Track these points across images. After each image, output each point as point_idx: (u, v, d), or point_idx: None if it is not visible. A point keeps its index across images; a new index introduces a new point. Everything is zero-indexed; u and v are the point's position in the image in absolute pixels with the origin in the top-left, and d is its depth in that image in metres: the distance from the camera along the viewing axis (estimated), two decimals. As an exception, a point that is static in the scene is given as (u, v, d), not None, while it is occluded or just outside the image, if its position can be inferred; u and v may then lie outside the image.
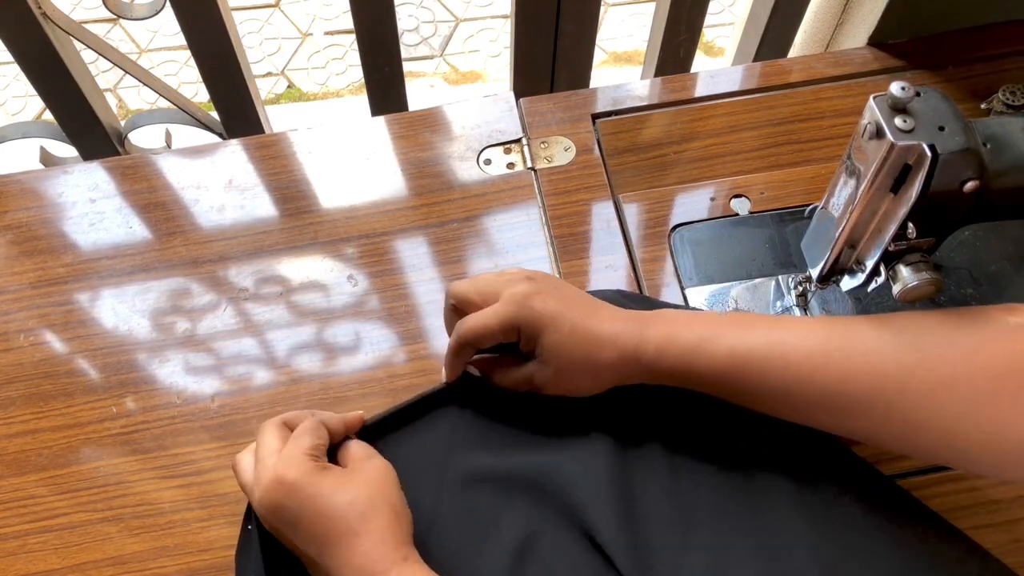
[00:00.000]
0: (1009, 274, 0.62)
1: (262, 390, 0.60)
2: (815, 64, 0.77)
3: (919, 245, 0.47)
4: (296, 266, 0.66)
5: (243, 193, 0.70)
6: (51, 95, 0.93)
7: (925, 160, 0.42)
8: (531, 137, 0.72)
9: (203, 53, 0.91)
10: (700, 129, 0.73)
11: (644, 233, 0.67)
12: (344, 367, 0.61)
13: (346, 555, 0.44)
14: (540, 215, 0.68)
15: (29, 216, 0.69)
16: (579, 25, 0.93)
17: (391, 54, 0.93)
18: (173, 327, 0.63)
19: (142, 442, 0.59)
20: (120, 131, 1.02)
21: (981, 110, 0.71)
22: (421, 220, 0.68)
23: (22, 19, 0.83)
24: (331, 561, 0.44)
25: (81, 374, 0.62)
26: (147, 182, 0.71)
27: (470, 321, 0.51)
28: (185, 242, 0.68)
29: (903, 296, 0.48)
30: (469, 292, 0.52)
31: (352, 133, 0.73)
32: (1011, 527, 0.54)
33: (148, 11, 0.89)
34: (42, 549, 0.55)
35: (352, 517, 0.45)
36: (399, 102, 1.00)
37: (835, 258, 0.51)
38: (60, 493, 0.57)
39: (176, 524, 0.55)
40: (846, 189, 0.48)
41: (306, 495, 0.45)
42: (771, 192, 0.68)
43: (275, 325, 0.63)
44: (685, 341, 0.48)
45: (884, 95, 0.43)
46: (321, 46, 2.01)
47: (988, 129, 0.44)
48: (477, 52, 2.00)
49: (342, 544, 0.44)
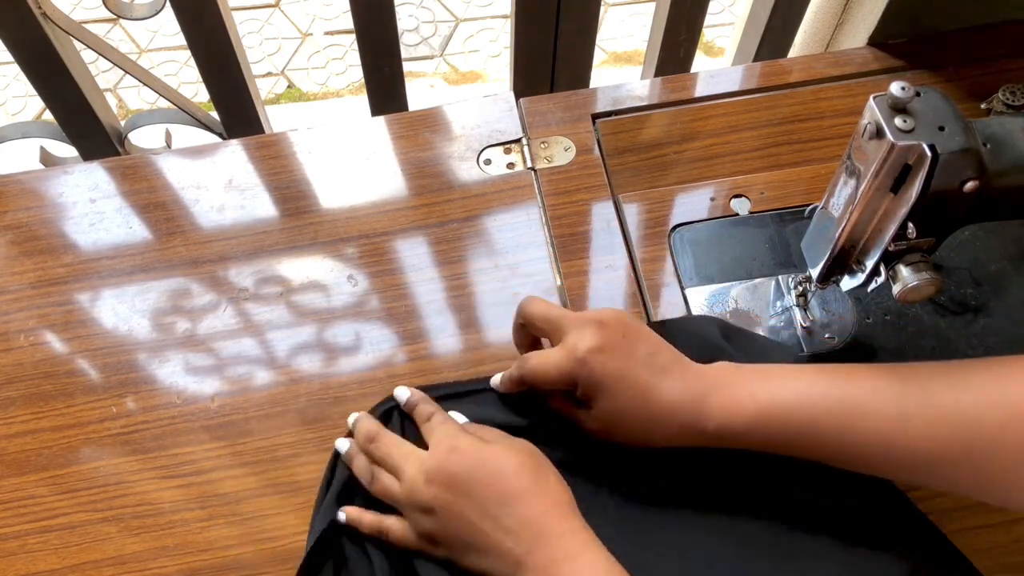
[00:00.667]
0: (1009, 274, 0.62)
1: (262, 390, 0.60)
2: (815, 64, 0.77)
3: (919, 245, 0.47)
4: (296, 266, 0.66)
5: (243, 193, 0.70)
6: (51, 95, 0.93)
7: (925, 160, 0.42)
8: (531, 137, 0.72)
9: (203, 53, 0.91)
10: (700, 129, 0.73)
11: (644, 233, 0.67)
12: (344, 367, 0.61)
13: (524, 512, 0.45)
14: (540, 215, 0.68)
15: (29, 216, 0.69)
16: (579, 25, 0.93)
17: (391, 54, 0.93)
18: (173, 327, 0.63)
19: (142, 442, 0.59)
20: (120, 131, 1.02)
21: (981, 110, 0.71)
22: (421, 220, 0.68)
23: (22, 19, 0.83)
24: (508, 521, 0.45)
25: (81, 374, 0.62)
26: (147, 182, 0.71)
27: (531, 362, 0.51)
28: (185, 242, 0.68)
29: (903, 296, 0.48)
30: (536, 317, 0.52)
31: (352, 133, 0.73)
32: (1011, 527, 0.54)
33: (148, 11, 0.89)
34: (42, 549, 0.55)
35: (526, 477, 0.47)
36: (399, 102, 1.00)
37: (835, 258, 0.51)
38: (60, 493, 0.57)
39: (176, 524, 0.55)
40: (846, 189, 0.48)
41: (479, 459, 0.47)
42: (771, 192, 0.68)
43: (275, 325, 0.63)
44: (748, 414, 0.47)
45: (884, 95, 0.43)
46: (321, 46, 2.01)
47: (988, 129, 0.44)
48: (477, 52, 2.00)
49: (521, 502, 0.45)
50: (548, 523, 0.45)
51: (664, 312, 0.62)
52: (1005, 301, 0.61)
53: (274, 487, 0.56)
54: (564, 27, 0.92)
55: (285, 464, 0.57)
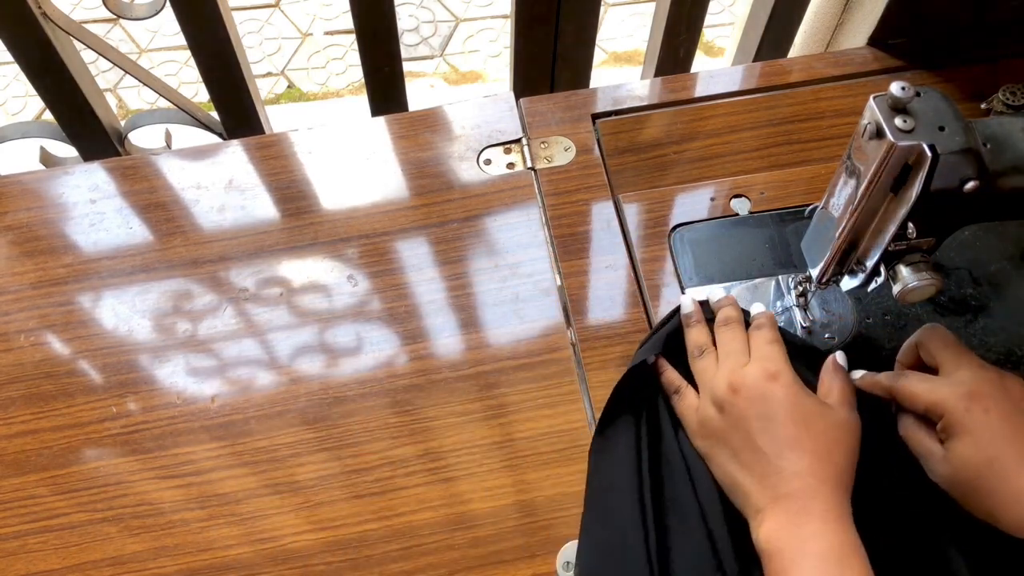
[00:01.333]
0: (1009, 274, 0.62)
1: (262, 390, 0.60)
2: (815, 64, 0.77)
3: (919, 245, 0.47)
4: (296, 266, 0.66)
5: (243, 193, 0.70)
6: (51, 95, 0.93)
7: (925, 160, 0.42)
8: (531, 137, 0.72)
9: (203, 53, 0.91)
10: (700, 129, 0.73)
11: (644, 233, 0.67)
12: (344, 367, 0.61)
13: (804, 466, 0.47)
14: (540, 215, 0.68)
15: (30, 217, 0.69)
16: (579, 25, 0.93)
17: (391, 54, 0.93)
18: (173, 327, 0.63)
19: (142, 442, 0.59)
20: (120, 131, 1.02)
21: (981, 110, 0.71)
22: (421, 220, 0.68)
23: (22, 19, 0.83)
24: (785, 463, 0.47)
25: (81, 374, 0.62)
26: (147, 182, 0.71)
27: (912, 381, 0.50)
28: (185, 242, 0.68)
29: (903, 296, 0.48)
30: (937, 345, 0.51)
31: (352, 133, 0.73)
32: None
33: (148, 11, 0.89)
34: (42, 549, 0.55)
35: (825, 444, 0.47)
36: (399, 102, 1.00)
37: (835, 258, 0.51)
38: (60, 493, 0.57)
39: (176, 524, 0.55)
40: (846, 189, 0.48)
41: (796, 399, 0.49)
42: (771, 192, 0.68)
43: (275, 325, 0.63)
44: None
45: (884, 95, 0.43)
46: (321, 46, 2.01)
47: (988, 129, 0.44)
48: (477, 52, 2.00)
49: (807, 456, 0.47)
50: (819, 489, 0.46)
51: (664, 312, 0.62)
52: (1005, 301, 0.61)
53: (274, 487, 0.56)
54: (564, 27, 0.92)
55: (285, 464, 0.57)
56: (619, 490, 0.53)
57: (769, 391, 0.50)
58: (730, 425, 0.50)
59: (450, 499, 0.56)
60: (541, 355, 0.61)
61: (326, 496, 0.56)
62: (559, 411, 0.59)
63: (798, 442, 0.48)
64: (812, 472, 0.47)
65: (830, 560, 0.44)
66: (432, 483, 0.56)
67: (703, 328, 0.57)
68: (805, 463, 0.47)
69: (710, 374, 0.53)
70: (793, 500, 0.46)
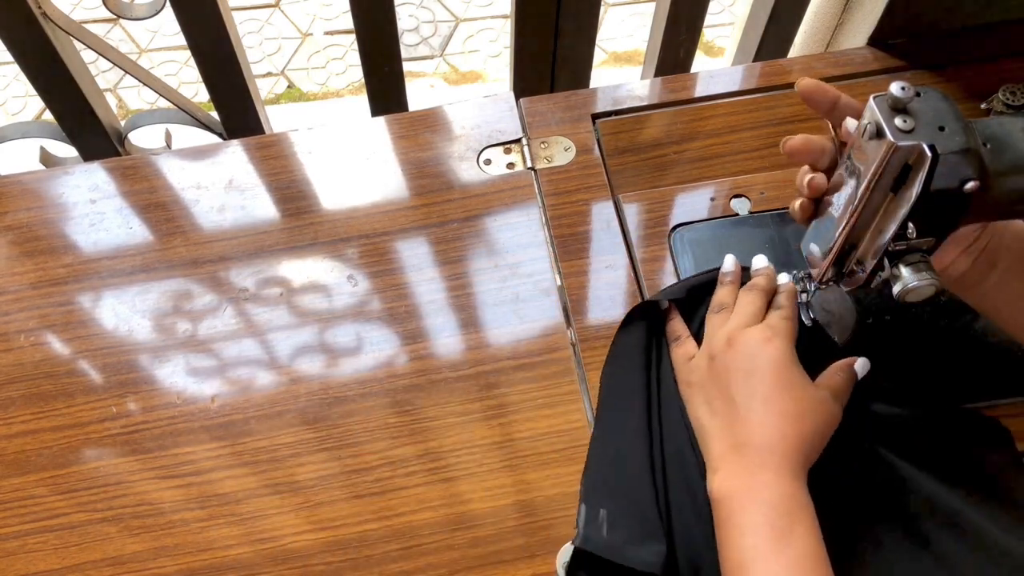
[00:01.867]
0: (1009, 274, 0.62)
1: (262, 390, 0.60)
2: (815, 64, 0.77)
3: (919, 245, 0.47)
4: (296, 266, 0.66)
5: (243, 193, 0.70)
6: (51, 95, 0.93)
7: (925, 160, 0.42)
8: (531, 137, 0.72)
9: (203, 53, 0.91)
10: (700, 129, 0.73)
11: (644, 233, 0.67)
12: (344, 367, 0.61)
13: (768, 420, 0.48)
14: (540, 215, 0.68)
15: (30, 217, 0.69)
16: (579, 25, 0.93)
17: (391, 54, 0.93)
18: (173, 327, 0.63)
19: (142, 442, 0.59)
20: (120, 131, 1.02)
21: (981, 110, 0.71)
22: (421, 220, 0.68)
23: (22, 19, 0.83)
24: (756, 417, 0.48)
25: (81, 374, 0.62)
26: (147, 182, 0.71)
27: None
28: (185, 242, 0.68)
29: (903, 296, 0.48)
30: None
31: (352, 133, 0.73)
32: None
33: (148, 11, 0.89)
34: (42, 549, 0.55)
35: (798, 409, 0.48)
36: (399, 102, 1.00)
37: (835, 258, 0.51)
38: (60, 493, 0.57)
39: (176, 524, 0.55)
40: (846, 189, 0.48)
41: (781, 362, 0.50)
42: (771, 192, 0.68)
43: (275, 325, 0.63)
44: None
45: (884, 95, 0.43)
46: (321, 46, 2.01)
47: (988, 129, 0.44)
48: (477, 52, 2.00)
49: (774, 414, 0.48)
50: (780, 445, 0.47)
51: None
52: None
53: (274, 487, 0.56)
54: (564, 27, 0.92)
55: (285, 464, 0.57)
56: (624, 410, 0.56)
57: (760, 351, 0.51)
58: (713, 375, 0.52)
59: (450, 499, 0.56)
60: (541, 355, 0.61)
61: (326, 496, 0.56)
62: (559, 411, 0.59)
63: (771, 400, 0.49)
64: (777, 428, 0.48)
65: (779, 510, 0.45)
66: (432, 483, 0.56)
67: (733, 289, 0.58)
68: (772, 419, 0.48)
69: (716, 328, 0.55)
70: (751, 449, 0.48)
